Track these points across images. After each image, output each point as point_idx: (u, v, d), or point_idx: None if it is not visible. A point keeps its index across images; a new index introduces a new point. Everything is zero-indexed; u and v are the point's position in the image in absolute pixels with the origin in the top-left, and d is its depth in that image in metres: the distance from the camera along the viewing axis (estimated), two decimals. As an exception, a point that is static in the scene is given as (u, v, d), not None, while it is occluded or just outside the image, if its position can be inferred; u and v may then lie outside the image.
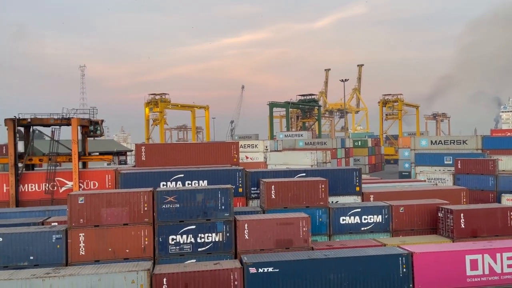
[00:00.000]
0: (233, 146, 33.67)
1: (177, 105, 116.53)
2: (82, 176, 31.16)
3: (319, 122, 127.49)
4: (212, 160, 32.24)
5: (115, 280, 19.00)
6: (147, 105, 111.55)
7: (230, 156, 32.78)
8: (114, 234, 21.33)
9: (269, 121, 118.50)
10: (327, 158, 66.24)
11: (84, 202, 21.30)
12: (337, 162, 78.95)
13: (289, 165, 51.62)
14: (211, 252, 21.83)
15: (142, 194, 21.83)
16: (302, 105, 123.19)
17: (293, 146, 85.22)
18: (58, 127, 32.12)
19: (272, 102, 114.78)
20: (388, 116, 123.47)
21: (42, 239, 20.89)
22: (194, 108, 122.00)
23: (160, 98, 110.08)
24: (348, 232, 25.20)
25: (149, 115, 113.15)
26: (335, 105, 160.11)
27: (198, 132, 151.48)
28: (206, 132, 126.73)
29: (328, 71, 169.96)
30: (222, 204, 22.21)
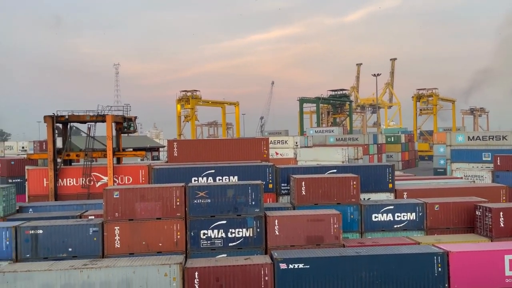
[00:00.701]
0: (263, 142, 33.72)
1: (208, 101, 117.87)
2: (117, 171, 32.10)
3: (351, 118, 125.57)
4: (242, 156, 32.43)
5: (149, 272, 19.50)
6: (179, 102, 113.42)
7: (260, 152, 32.86)
8: (148, 228, 21.88)
9: (299, 117, 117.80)
10: (359, 154, 65.16)
11: (119, 197, 21.94)
12: (369, 158, 77.52)
13: (320, 161, 51.19)
14: (241, 247, 22.01)
15: (174, 189, 22.25)
16: (333, 101, 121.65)
17: (324, 142, 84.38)
18: (93, 124, 33.22)
19: (302, 98, 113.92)
20: (422, 111, 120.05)
21: (80, 232, 21.71)
22: (225, 105, 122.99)
23: (191, 95, 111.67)
24: (380, 230, 24.75)
25: (181, 111, 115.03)
26: (367, 100, 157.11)
27: (228, 128, 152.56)
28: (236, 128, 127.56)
29: (360, 66, 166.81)
30: (252, 199, 22.32)
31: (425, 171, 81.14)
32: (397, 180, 30.71)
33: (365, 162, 66.74)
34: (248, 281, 19.54)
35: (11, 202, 25.58)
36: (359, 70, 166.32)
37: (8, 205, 25.12)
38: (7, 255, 21.35)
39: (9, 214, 24.91)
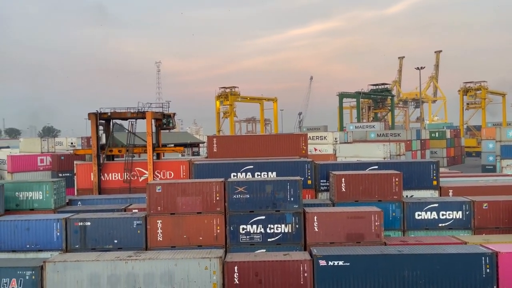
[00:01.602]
0: (302, 138, 33.50)
1: (246, 97, 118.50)
2: (159, 166, 33.05)
3: (392, 113, 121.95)
4: (280, 152, 32.40)
5: (190, 265, 19.97)
6: (218, 98, 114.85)
7: (298, 148, 32.69)
8: (189, 222, 22.37)
9: (339, 112, 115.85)
10: (401, 151, 63.22)
11: (161, 191, 22.56)
12: (412, 154, 75.06)
13: (360, 157, 50.13)
14: (280, 243, 22.02)
15: (214, 184, 22.60)
16: (374, 95, 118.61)
17: (364, 137, 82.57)
18: (134, 120, 34.38)
19: (342, 93, 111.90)
20: (469, 106, 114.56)
21: (125, 225, 22.55)
22: (263, 101, 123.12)
23: (230, 91, 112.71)
24: (424, 228, 23.95)
25: (220, 108, 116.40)
26: (409, 94, 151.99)
27: (267, 124, 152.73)
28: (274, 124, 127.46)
29: (402, 59, 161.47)
30: (291, 195, 22.26)
31: (473, 168, 77.50)
32: (442, 177, 29.53)
33: (407, 159, 64.71)
34: (287, 276, 19.54)
35: (61, 195, 26.97)
36: (402, 64, 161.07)
37: (59, 198, 26.51)
38: (58, 245, 22.56)
39: (59, 207, 26.32)
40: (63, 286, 20.12)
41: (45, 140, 54.52)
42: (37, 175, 43.93)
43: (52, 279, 20.18)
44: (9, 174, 44.21)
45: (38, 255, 22.35)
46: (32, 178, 41.95)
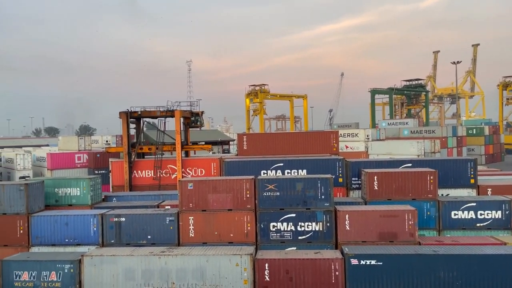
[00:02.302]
0: (333, 135, 33.12)
1: (276, 95, 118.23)
2: (190, 163, 33.56)
3: (427, 109, 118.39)
4: (311, 149, 32.17)
5: (221, 262, 20.19)
6: (248, 96, 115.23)
7: (329, 145, 32.34)
8: (220, 219, 22.60)
9: (371, 109, 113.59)
10: (436, 148, 61.29)
11: (193, 188, 22.90)
12: (447, 152, 72.62)
13: (393, 155, 49.04)
14: (311, 241, 21.89)
15: (244, 182, 22.71)
16: (407, 91, 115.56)
17: (397, 134, 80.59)
18: (163, 119, 35.09)
19: (373, 89, 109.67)
20: (509, 101, 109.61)
21: (158, 221, 23.06)
22: (292, 98, 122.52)
23: (259, 89, 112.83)
24: (460, 228, 23.17)
25: (250, 105, 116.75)
26: (445, 90, 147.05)
27: (296, 122, 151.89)
28: (304, 122, 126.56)
29: (437, 53, 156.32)
30: (322, 193, 22.07)
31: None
32: (480, 175, 28.48)
33: (443, 156, 62.70)
34: (318, 275, 19.41)
35: (98, 191, 27.89)
36: (436, 58, 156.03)
37: (95, 194, 27.42)
38: (95, 240, 23.36)
39: (96, 203, 27.23)
40: (100, 279, 20.83)
41: (82, 138, 56.50)
42: (75, 172, 45.67)
43: (90, 272, 20.93)
44: (49, 171, 46.19)
45: (76, 249, 23.24)
46: (70, 175, 43.66)
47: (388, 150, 55.17)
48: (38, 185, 25.52)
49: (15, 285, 21.44)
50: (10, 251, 23.49)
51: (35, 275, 21.32)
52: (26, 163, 50.74)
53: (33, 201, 24.60)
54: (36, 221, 23.88)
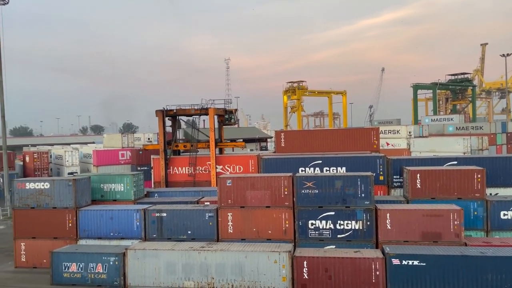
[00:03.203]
0: (373, 132, 32.38)
1: (314, 91, 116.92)
2: (229, 160, 33.96)
3: (474, 104, 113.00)
4: (350, 146, 31.62)
5: (260, 258, 20.30)
6: (285, 93, 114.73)
7: (369, 142, 31.66)
8: (258, 216, 22.71)
9: (413, 105, 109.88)
10: (484, 145, 58.33)
11: (231, 185, 23.15)
12: (496, 149, 68.95)
13: (437, 152, 47.23)
14: (350, 239, 21.54)
15: (282, 179, 22.68)
16: (452, 86, 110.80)
17: (441, 131, 77.48)
18: (198, 117, 35.77)
19: (416, 84, 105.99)
20: None
21: (198, 216, 23.52)
22: (331, 94, 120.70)
23: (297, 85, 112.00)
24: (510, 229, 21.99)
25: (287, 102, 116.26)
26: (493, 84, 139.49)
27: (335, 118, 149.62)
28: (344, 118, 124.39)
29: (485, 46, 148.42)
30: (362, 191, 21.65)
31: None
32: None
33: (491, 154, 59.65)
34: (358, 274, 19.08)
35: (140, 187, 28.82)
36: (484, 51, 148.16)
37: (138, 190, 28.36)
38: (138, 234, 24.18)
39: (138, 198, 28.15)
40: (143, 272, 21.54)
41: (125, 136, 58.52)
42: (119, 169, 47.45)
43: (133, 265, 21.69)
44: (95, 167, 48.27)
45: (121, 242, 24.16)
46: (114, 171, 45.40)
47: (431, 147, 53.20)
48: (85, 180, 26.72)
49: (64, 276, 22.61)
50: (59, 243, 24.80)
51: (83, 266, 22.39)
52: (74, 160, 53.34)
53: (81, 196, 25.79)
54: (83, 215, 25.03)
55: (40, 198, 25.49)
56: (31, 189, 25.62)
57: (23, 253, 25.84)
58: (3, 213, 43.17)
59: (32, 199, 25.60)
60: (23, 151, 67.19)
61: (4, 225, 39.70)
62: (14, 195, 26.17)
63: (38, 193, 25.51)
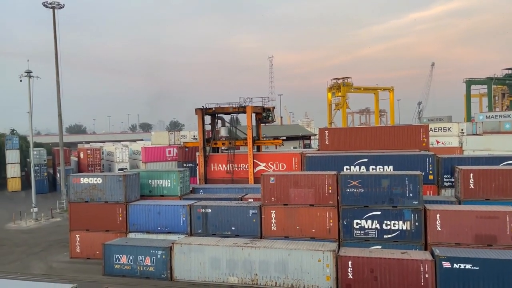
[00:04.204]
0: (422, 129, 31.17)
1: (360, 88, 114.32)
2: (272, 158, 34.01)
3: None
4: (397, 144, 30.64)
5: (303, 257, 20.20)
6: (330, 90, 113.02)
7: (418, 140, 30.51)
8: (301, 214, 22.58)
9: (466, 101, 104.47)
10: (546, 143, 54.42)
11: (274, 182, 23.17)
12: (560, 147, 64.11)
13: (492, 151, 44.64)
14: (397, 240, 20.90)
15: (326, 177, 22.40)
16: (509, 80, 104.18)
17: (497, 128, 73.10)
18: (236, 115, 36.15)
19: (469, 79, 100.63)
20: None
21: (241, 213, 23.76)
22: (378, 91, 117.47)
23: (342, 82, 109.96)
24: None
25: (332, 99, 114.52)
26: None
27: (382, 115, 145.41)
28: (391, 115, 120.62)
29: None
30: (410, 191, 20.92)
31: None
32: None
33: (554, 152, 55.47)
34: (406, 276, 18.48)
35: (186, 183, 29.56)
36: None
37: (184, 186, 29.10)
38: (184, 229, 24.83)
39: (184, 194, 28.90)
40: (188, 266, 22.12)
41: (172, 133, 60.18)
42: (165, 165, 48.96)
43: (179, 259, 22.32)
44: (143, 163, 50.11)
45: (167, 237, 24.93)
46: (161, 167, 46.87)
47: (486, 145, 50.37)
48: (135, 176, 27.79)
49: (115, 268, 23.68)
50: (110, 236, 26.00)
51: (132, 259, 23.33)
52: (124, 156, 55.64)
53: (130, 191, 26.87)
54: (133, 209, 26.06)
55: (93, 192, 26.83)
56: (85, 184, 27.03)
57: (78, 244, 27.35)
58: (60, 206, 45.89)
59: (86, 193, 27.00)
60: (78, 148, 71.12)
61: (60, 218, 42.22)
62: (70, 189, 27.71)
63: (91, 188, 26.87)
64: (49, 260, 27.69)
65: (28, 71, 42.76)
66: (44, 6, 46.60)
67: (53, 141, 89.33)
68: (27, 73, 42.70)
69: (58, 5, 47.00)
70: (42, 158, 60.53)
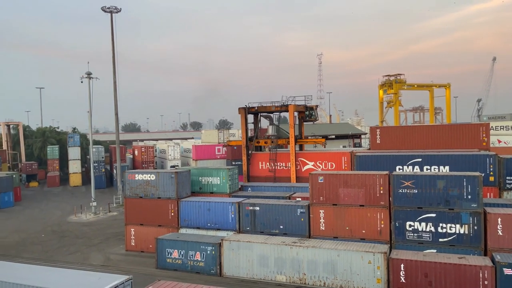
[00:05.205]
0: (482, 128, 29.42)
1: (413, 85, 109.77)
2: (320, 157, 33.60)
3: None
4: (454, 144, 29.15)
5: (353, 258, 19.80)
6: (381, 87, 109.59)
7: (477, 139, 28.82)
8: (351, 214, 22.14)
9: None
10: None
11: (323, 182, 22.89)
12: None
13: (562, 151, 41.16)
14: (454, 244, 19.90)
15: (378, 177, 21.78)
16: None
17: None
18: (278, 113, 36.01)
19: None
20: None
21: (289, 212, 23.72)
22: (433, 87, 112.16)
23: (394, 79, 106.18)
24: None
25: (383, 97, 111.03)
26: None
27: (437, 114, 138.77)
28: (447, 113, 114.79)
29: None
30: (468, 193, 19.83)
31: None
32: None
33: None
34: (463, 282, 17.57)
35: (235, 181, 29.98)
36: None
37: (233, 183, 29.54)
38: (232, 226, 25.20)
39: (233, 191, 29.33)
40: (237, 263, 22.43)
41: (221, 132, 61.26)
42: (215, 163, 49.92)
43: (228, 255, 22.69)
44: (194, 161, 51.43)
45: (217, 233, 25.43)
46: (211, 165, 47.87)
47: (555, 145, 46.57)
48: (186, 173, 28.60)
49: (167, 262, 24.52)
50: (163, 231, 26.96)
51: (183, 253, 24.05)
52: (175, 154, 57.47)
53: (182, 188, 27.69)
54: (184, 205, 26.84)
55: (147, 188, 27.94)
56: (140, 180, 28.21)
57: (133, 238, 28.63)
58: (116, 201, 48.28)
59: (140, 189, 28.18)
60: (133, 146, 74.38)
61: (117, 212, 44.41)
62: (126, 185, 29.05)
63: (145, 184, 27.99)
64: (107, 252, 29.23)
65: (88, 72, 45.37)
66: (103, 10, 49.17)
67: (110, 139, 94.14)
68: (87, 75, 45.30)
69: (116, 9, 49.39)
70: (100, 155, 64.01)
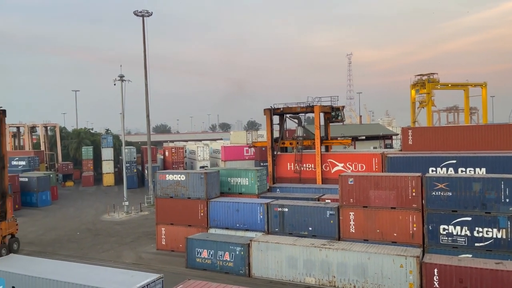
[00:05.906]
0: (521, 128, 28.16)
1: (447, 84, 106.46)
2: (350, 158, 33.12)
3: None
4: (491, 145, 28.06)
5: (384, 261, 19.41)
6: (413, 87, 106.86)
7: (516, 140, 27.62)
8: (382, 217, 21.71)
9: None
10: None
11: (353, 183, 22.56)
12: None
13: None
14: (491, 249, 19.17)
15: (410, 179, 21.27)
16: None
17: None
18: (304, 114, 35.66)
19: None
20: None
21: (318, 214, 23.52)
22: (468, 87, 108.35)
23: (427, 78, 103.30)
24: None
25: (415, 97, 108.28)
26: None
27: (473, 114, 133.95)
28: (483, 113, 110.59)
29: None
30: (506, 196, 19.07)
31: None
32: None
33: None
34: (500, 289, 16.86)
35: (263, 182, 30.02)
36: None
37: (261, 184, 29.59)
38: (261, 227, 25.23)
39: (261, 192, 29.38)
40: (265, 264, 22.44)
41: (249, 133, 61.51)
42: (243, 164, 50.16)
43: (257, 256, 22.74)
44: (223, 162, 51.87)
45: (245, 234, 25.54)
46: (239, 166, 48.13)
47: None
48: (215, 174, 28.89)
49: (197, 261, 24.83)
50: (192, 231, 27.33)
51: (213, 253, 24.28)
52: (205, 155, 58.13)
53: (211, 188, 27.98)
54: (213, 206, 27.11)
55: (177, 188, 28.40)
56: (170, 180, 28.71)
57: (163, 237, 29.17)
58: (147, 201, 49.34)
59: (171, 189, 28.68)
60: (163, 147, 75.82)
61: (148, 211, 45.39)
62: (156, 185, 29.64)
63: (175, 184, 28.47)
64: (138, 250, 29.91)
65: (121, 75, 46.67)
66: (135, 14, 50.43)
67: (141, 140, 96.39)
68: (120, 77, 46.58)
69: (147, 13, 50.54)
70: (132, 156, 65.63)
